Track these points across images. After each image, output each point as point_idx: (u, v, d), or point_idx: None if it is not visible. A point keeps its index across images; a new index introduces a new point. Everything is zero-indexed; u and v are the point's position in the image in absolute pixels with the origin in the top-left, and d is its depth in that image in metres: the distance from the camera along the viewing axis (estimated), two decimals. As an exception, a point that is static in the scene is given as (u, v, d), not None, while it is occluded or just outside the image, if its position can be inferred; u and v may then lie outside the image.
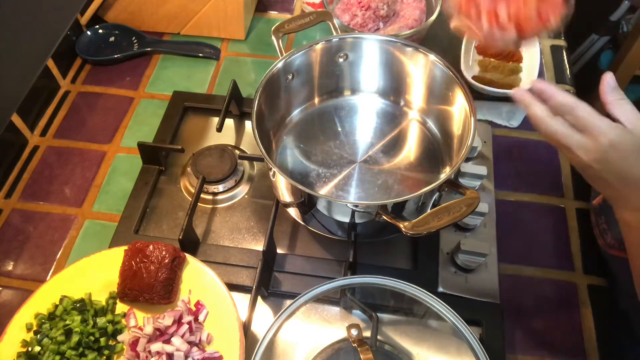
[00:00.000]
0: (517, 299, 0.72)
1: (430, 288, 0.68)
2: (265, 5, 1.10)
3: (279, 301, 0.72)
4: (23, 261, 0.77)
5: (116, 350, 0.65)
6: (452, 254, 0.73)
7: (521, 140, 0.89)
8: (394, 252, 0.76)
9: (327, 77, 0.81)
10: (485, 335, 0.66)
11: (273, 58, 0.74)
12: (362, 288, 0.70)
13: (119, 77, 0.99)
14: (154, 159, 0.83)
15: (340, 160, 0.75)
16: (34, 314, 0.65)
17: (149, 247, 0.67)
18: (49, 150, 0.88)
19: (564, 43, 1.04)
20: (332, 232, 0.72)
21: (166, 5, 1.00)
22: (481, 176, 0.78)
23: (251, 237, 0.78)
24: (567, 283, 0.74)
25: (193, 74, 0.99)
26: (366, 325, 0.67)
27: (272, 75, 0.72)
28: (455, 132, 0.73)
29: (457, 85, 0.69)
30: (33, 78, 0.86)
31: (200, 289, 0.67)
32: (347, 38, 0.76)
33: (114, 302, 0.68)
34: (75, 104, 0.95)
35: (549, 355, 0.68)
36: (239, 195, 0.82)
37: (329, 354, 0.66)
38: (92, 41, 1.02)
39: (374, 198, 0.71)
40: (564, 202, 0.82)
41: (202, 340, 0.64)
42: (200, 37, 1.04)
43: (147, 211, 0.80)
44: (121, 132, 0.91)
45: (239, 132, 0.90)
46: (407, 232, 0.56)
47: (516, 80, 0.92)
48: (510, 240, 0.77)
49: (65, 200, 0.82)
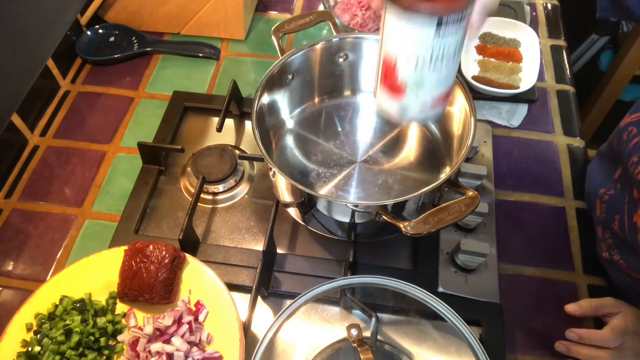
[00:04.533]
0: (517, 299, 0.72)
1: (430, 288, 0.68)
2: (265, 5, 1.10)
3: (279, 301, 0.72)
4: (23, 261, 0.77)
5: (116, 350, 0.65)
6: (452, 254, 0.73)
7: (521, 140, 0.89)
8: (394, 252, 0.76)
9: (327, 77, 0.80)
10: (485, 335, 0.66)
11: (273, 58, 0.74)
12: (362, 288, 0.70)
13: (119, 77, 0.99)
14: (154, 159, 0.83)
15: (340, 160, 0.75)
16: (34, 314, 0.65)
17: (149, 247, 0.67)
18: (49, 150, 0.88)
19: (564, 43, 1.04)
20: (332, 232, 0.72)
21: (166, 5, 1.00)
22: (481, 176, 0.78)
23: (251, 237, 0.78)
24: (567, 283, 0.74)
25: (193, 74, 0.99)
26: (366, 325, 0.67)
27: (272, 75, 0.72)
28: (455, 132, 0.73)
29: (457, 85, 0.69)
30: (33, 78, 0.85)
31: (200, 289, 0.67)
32: (347, 38, 0.76)
33: (114, 302, 0.68)
34: (75, 104, 0.95)
35: (549, 355, 0.68)
36: (239, 195, 0.82)
37: (329, 354, 0.66)
38: (92, 41, 1.02)
39: (374, 198, 0.71)
40: (564, 202, 0.82)
41: (202, 340, 0.64)
42: (200, 37, 1.04)
43: (147, 211, 0.80)
44: (121, 132, 0.91)
45: (239, 132, 0.90)
46: (407, 232, 0.56)
47: (516, 80, 0.92)
48: (510, 240, 0.77)
49: (65, 200, 0.82)
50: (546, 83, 0.97)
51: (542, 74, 0.98)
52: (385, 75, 0.55)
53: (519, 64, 0.94)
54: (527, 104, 0.93)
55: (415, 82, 0.53)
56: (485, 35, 0.98)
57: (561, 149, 0.88)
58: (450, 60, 0.52)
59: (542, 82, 0.97)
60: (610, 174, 0.73)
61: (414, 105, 0.56)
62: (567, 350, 0.66)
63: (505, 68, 0.93)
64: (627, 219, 0.66)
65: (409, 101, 0.55)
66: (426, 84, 0.53)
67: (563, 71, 0.99)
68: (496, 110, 0.92)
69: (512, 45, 0.97)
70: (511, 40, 0.98)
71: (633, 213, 0.65)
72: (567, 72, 0.99)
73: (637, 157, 0.64)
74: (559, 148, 0.88)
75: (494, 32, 0.99)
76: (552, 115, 0.93)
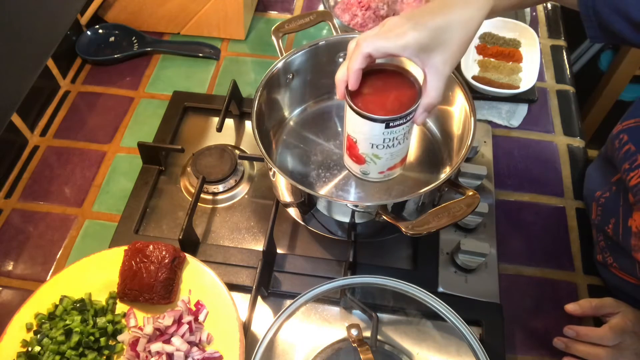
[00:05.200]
0: (517, 299, 0.72)
1: (430, 288, 0.68)
2: (265, 5, 1.10)
3: (279, 301, 0.72)
4: (23, 261, 0.77)
5: (116, 350, 0.65)
6: (452, 254, 0.73)
7: (521, 140, 0.89)
8: (394, 252, 0.76)
9: (328, 77, 0.80)
10: (485, 335, 0.66)
11: (273, 58, 0.74)
12: (362, 288, 0.70)
13: (119, 77, 0.99)
14: (154, 159, 0.83)
15: (340, 160, 0.75)
16: (34, 314, 0.65)
17: (149, 247, 0.67)
18: (49, 150, 0.88)
19: (564, 43, 1.04)
20: (332, 232, 0.72)
21: (166, 5, 1.00)
22: (481, 176, 0.78)
23: (251, 237, 0.78)
24: (567, 283, 0.74)
25: (193, 74, 0.99)
26: (366, 325, 0.67)
27: (272, 75, 0.72)
28: (455, 132, 0.73)
29: (457, 85, 0.69)
30: (33, 78, 0.85)
31: (200, 289, 0.67)
32: (347, 38, 0.76)
33: (114, 302, 0.68)
34: (75, 104, 0.95)
35: (549, 355, 0.68)
36: (239, 195, 0.82)
37: (329, 354, 0.66)
38: (92, 41, 1.02)
39: (374, 198, 0.71)
40: (564, 202, 0.82)
41: (202, 340, 0.64)
42: (200, 37, 1.04)
43: (147, 211, 0.80)
44: (121, 132, 0.91)
45: (239, 132, 0.90)
46: (407, 232, 0.56)
47: (516, 80, 0.92)
48: (510, 240, 0.77)
49: (65, 200, 0.82)
50: (546, 83, 0.97)
51: (542, 74, 0.98)
52: (349, 147, 0.65)
53: (519, 64, 0.94)
54: (527, 104, 0.93)
55: (372, 157, 0.64)
56: (485, 35, 0.98)
57: (561, 149, 0.88)
58: (400, 143, 0.62)
59: (542, 82, 0.97)
60: (608, 176, 0.73)
61: (373, 171, 0.67)
62: (566, 347, 0.66)
63: (505, 68, 0.93)
64: (622, 223, 0.66)
65: (369, 168, 0.66)
66: (382, 159, 0.64)
67: (563, 71, 0.99)
68: (496, 110, 0.92)
69: (512, 45, 0.97)
70: (511, 40, 0.98)
71: (628, 217, 0.65)
72: (567, 72, 0.99)
73: (629, 164, 0.64)
74: (559, 148, 0.88)
75: (494, 32, 0.99)
76: (552, 115, 0.93)
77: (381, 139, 0.60)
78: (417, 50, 0.53)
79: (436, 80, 0.55)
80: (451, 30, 0.54)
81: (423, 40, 0.53)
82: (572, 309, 0.68)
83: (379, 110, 0.58)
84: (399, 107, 0.58)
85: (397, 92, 0.60)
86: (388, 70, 0.61)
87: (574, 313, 0.68)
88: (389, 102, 0.59)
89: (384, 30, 0.55)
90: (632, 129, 0.66)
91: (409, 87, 0.60)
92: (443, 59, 0.54)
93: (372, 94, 0.59)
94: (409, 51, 0.53)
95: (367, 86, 0.59)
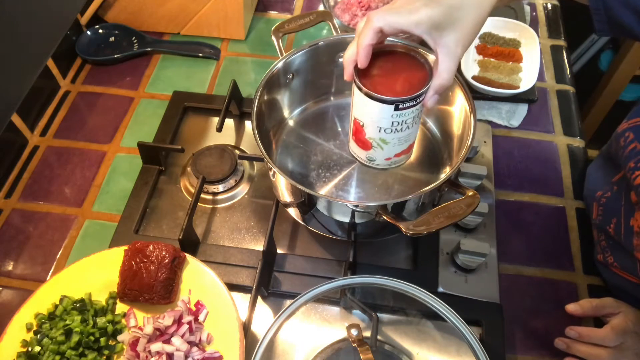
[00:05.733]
0: (517, 299, 0.72)
1: (430, 288, 0.68)
2: (265, 5, 1.10)
3: (279, 301, 0.72)
4: (23, 261, 0.77)
5: (116, 350, 0.65)
6: (452, 254, 0.73)
7: (521, 140, 0.89)
8: (394, 252, 0.76)
9: (327, 77, 0.81)
10: (485, 335, 0.66)
11: (273, 58, 0.74)
12: (362, 288, 0.70)
13: (119, 77, 0.99)
14: (154, 159, 0.83)
15: (340, 160, 0.75)
16: (34, 314, 0.65)
17: (149, 247, 0.67)
18: (49, 150, 0.88)
19: (564, 43, 1.04)
20: (332, 232, 0.72)
21: (166, 5, 1.00)
22: (481, 176, 0.78)
23: (251, 237, 0.78)
24: (567, 283, 0.74)
25: (193, 74, 0.99)
26: (366, 325, 0.67)
27: (272, 75, 0.72)
28: (455, 132, 0.73)
29: (457, 85, 0.69)
30: (33, 78, 0.85)
31: (200, 289, 0.67)
32: (347, 38, 0.76)
33: (114, 302, 0.68)
34: (75, 104, 0.95)
35: (549, 355, 0.68)
36: (239, 195, 0.82)
37: (329, 354, 0.66)
38: (92, 41, 1.02)
39: (374, 198, 0.71)
40: (564, 202, 0.82)
41: (202, 340, 0.64)
42: (200, 37, 1.04)
43: (147, 211, 0.80)
44: (121, 132, 0.91)
45: (239, 132, 0.90)
46: (407, 232, 0.56)
47: (516, 80, 0.92)
48: (510, 240, 0.77)
49: (65, 200, 0.82)
50: (546, 83, 0.97)
51: (542, 74, 0.98)
52: (355, 132, 0.63)
53: (519, 64, 0.94)
54: (527, 104, 0.93)
55: (379, 142, 0.61)
56: (485, 35, 0.98)
57: (561, 149, 0.88)
58: (409, 127, 0.59)
59: (542, 82, 0.97)
60: (609, 175, 0.73)
61: (380, 157, 0.64)
62: (567, 348, 0.66)
63: (505, 68, 0.93)
64: (624, 222, 0.66)
65: (375, 154, 0.64)
66: (389, 144, 0.61)
67: (563, 71, 0.99)
68: (496, 110, 0.92)
69: (512, 45, 0.97)
70: (511, 40, 0.98)
71: (630, 217, 0.65)
72: (567, 72, 0.99)
73: (634, 163, 0.64)
74: (559, 148, 0.88)
75: (494, 32, 0.99)
76: (552, 115, 0.93)
77: (389, 122, 0.57)
78: (429, 28, 0.52)
79: (448, 61, 0.53)
80: (465, 9, 0.52)
81: (436, 17, 0.51)
82: (572, 309, 0.68)
83: (388, 91, 0.55)
84: (409, 88, 0.56)
85: (407, 74, 0.57)
86: (398, 51, 0.59)
87: (574, 313, 0.68)
88: (398, 83, 0.56)
89: (397, 5, 0.53)
90: (639, 127, 0.66)
91: (420, 69, 0.58)
92: (456, 38, 0.52)
93: (381, 75, 0.57)
94: (422, 28, 0.52)
95: (376, 67, 0.57)
